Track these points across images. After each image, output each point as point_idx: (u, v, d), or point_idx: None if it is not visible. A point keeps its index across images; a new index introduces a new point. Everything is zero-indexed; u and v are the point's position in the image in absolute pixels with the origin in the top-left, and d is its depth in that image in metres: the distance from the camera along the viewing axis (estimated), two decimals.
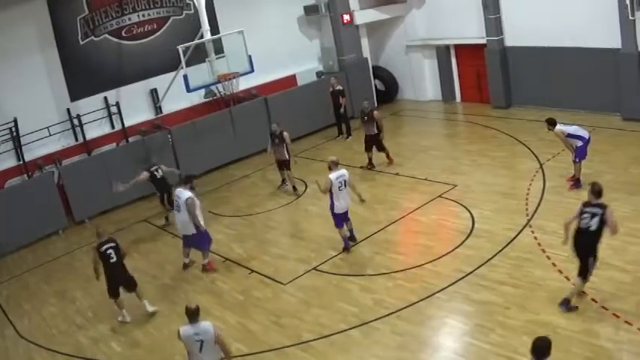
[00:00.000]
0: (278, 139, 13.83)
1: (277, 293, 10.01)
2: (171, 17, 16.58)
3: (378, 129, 14.45)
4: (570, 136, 11.54)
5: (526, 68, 16.96)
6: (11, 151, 14.33)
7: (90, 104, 15.36)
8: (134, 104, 15.96)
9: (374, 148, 14.73)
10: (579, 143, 11.47)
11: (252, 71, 15.72)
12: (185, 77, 14.53)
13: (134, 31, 16.00)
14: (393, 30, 20.25)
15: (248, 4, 17.84)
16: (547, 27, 15.85)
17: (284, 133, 13.80)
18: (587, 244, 7.84)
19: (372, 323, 8.67)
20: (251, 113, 17.13)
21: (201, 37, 15.18)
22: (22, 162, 14.36)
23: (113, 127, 15.88)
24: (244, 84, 16.93)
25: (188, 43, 14.98)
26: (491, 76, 17.75)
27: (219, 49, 15.73)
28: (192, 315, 6.67)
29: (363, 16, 19.16)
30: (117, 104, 15.51)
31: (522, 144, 14.68)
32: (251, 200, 14.29)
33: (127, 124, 15.74)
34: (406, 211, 12.20)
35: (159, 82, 16.21)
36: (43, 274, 12.27)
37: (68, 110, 15.10)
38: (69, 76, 15.05)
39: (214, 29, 16.02)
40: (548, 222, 10.57)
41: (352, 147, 16.82)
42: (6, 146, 14.22)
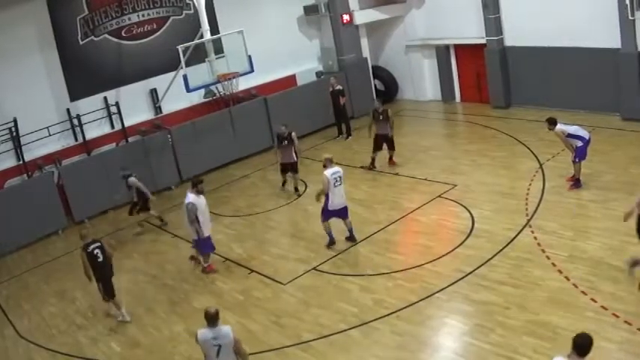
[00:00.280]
0: (287, 141, 13.53)
1: (277, 293, 10.02)
2: (171, 17, 16.59)
3: (390, 128, 14.29)
4: (570, 136, 11.54)
5: (526, 68, 16.95)
6: (11, 151, 14.33)
7: (90, 104, 15.37)
8: (134, 104, 15.96)
9: (381, 148, 14.50)
10: (579, 143, 11.47)
11: (252, 71, 15.71)
12: (185, 77, 14.53)
13: (134, 31, 16.00)
14: (392, 30, 20.25)
15: (248, 4, 17.84)
16: (547, 27, 15.85)
17: (292, 134, 13.56)
18: None
19: (372, 323, 8.68)
20: (251, 113, 17.13)
21: (201, 37, 15.17)
22: (21, 162, 14.36)
23: (113, 127, 15.88)
24: (244, 84, 16.90)
25: (188, 43, 14.98)
26: (491, 76, 17.75)
27: (219, 49, 15.72)
28: (212, 319, 6.50)
29: (362, 16, 19.15)
30: (117, 104, 15.51)
31: (522, 144, 14.68)
32: (251, 200, 14.29)
33: (127, 124, 15.72)
34: (406, 211, 12.20)
35: (158, 82, 16.21)
36: (42, 274, 12.27)
37: (68, 110, 15.11)
38: (69, 76, 15.06)
39: (214, 29, 16.01)
40: (548, 222, 10.59)
41: (352, 147, 16.84)
42: (6, 146, 14.22)
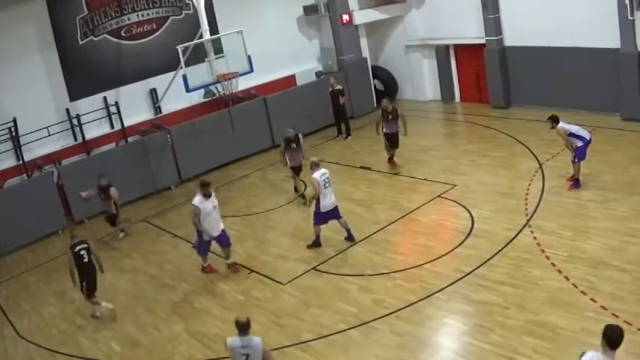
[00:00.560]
0: (296, 144, 13.16)
1: (277, 293, 10.01)
2: (171, 17, 16.58)
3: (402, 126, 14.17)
4: (572, 135, 11.49)
5: (525, 68, 16.96)
6: (10, 150, 14.32)
7: (89, 104, 15.36)
8: (133, 104, 15.95)
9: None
10: (579, 143, 11.45)
11: (252, 71, 15.70)
12: (184, 77, 14.52)
13: (133, 31, 16.00)
14: (392, 30, 20.25)
15: (247, 4, 17.83)
16: (546, 27, 15.86)
17: (300, 136, 13.28)
18: None
19: (372, 323, 8.67)
20: (250, 113, 17.13)
21: (201, 37, 15.16)
22: (21, 162, 14.35)
23: (112, 127, 15.87)
24: (243, 84, 16.88)
25: (187, 43, 14.97)
26: (491, 76, 17.75)
27: (219, 49, 15.70)
28: (242, 328, 6.44)
29: (362, 16, 19.15)
30: (116, 104, 15.50)
31: (522, 144, 14.68)
32: (250, 200, 14.29)
33: (127, 124, 15.71)
34: (406, 211, 12.19)
35: (158, 82, 16.21)
36: (42, 274, 12.25)
37: (67, 110, 15.10)
38: (68, 76, 15.05)
39: (213, 29, 16.00)
40: (548, 222, 10.59)
41: (352, 147, 16.84)
42: (5, 146, 14.21)
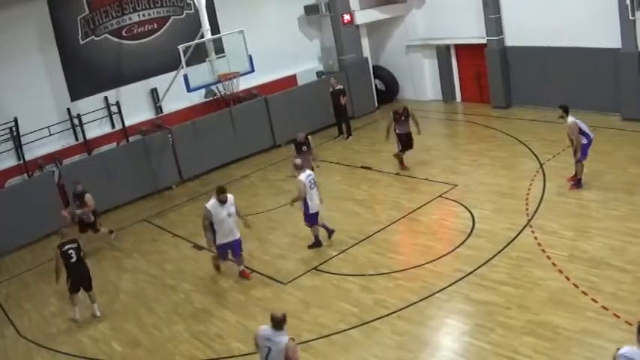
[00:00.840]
0: (306, 147, 13.16)
1: (277, 293, 10.01)
2: (172, 17, 16.59)
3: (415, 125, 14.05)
4: (580, 131, 11.38)
5: (526, 68, 16.95)
6: (11, 150, 14.33)
7: (90, 104, 15.37)
8: (134, 104, 15.95)
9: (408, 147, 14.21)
10: (584, 141, 11.41)
11: (253, 71, 15.70)
12: (185, 77, 14.52)
13: (134, 31, 16.01)
14: (393, 30, 20.24)
15: (248, 3, 17.83)
16: (547, 27, 15.85)
17: (310, 138, 13.22)
18: None
19: (372, 323, 8.67)
20: (251, 113, 17.13)
21: (202, 36, 15.16)
22: (22, 161, 14.36)
23: (113, 126, 15.88)
24: (244, 84, 16.90)
25: (188, 43, 14.96)
26: (492, 76, 17.74)
27: (220, 49, 15.71)
28: (276, 322, 6.44)
29: (363, 16, 19.16)
30: (117, 104, 15.51)
31: (522, 144, 14.68)
32: (251, 200, 14.28)
33: (128, 123, 15.72)
34: (406, 210, 12.19)
35: (159, 81, 16.21)
36: (43, 274, 12.24)
37: (68, 110, 15.10)
38: (69, 76, 15.06)
39: (215, 29, 16.02)
40: (549, 222, 10.58)
41: (352, 147, 16.84)
42: (6, 146, 14.23)
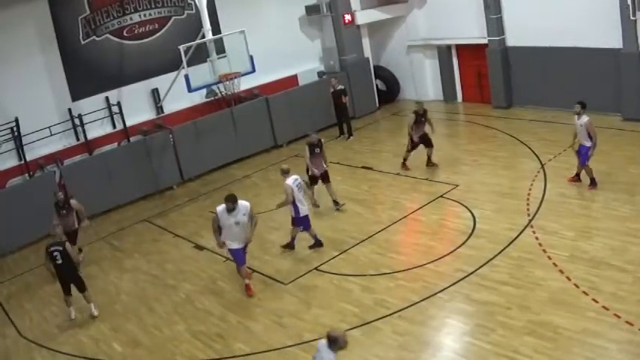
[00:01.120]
0: (319, 149, 12.74)
1: (278, 293, 10.02)
2: (173, 17, 16.60)
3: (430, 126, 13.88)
4: (588, 133, 11.34)
5: (527, 68, 16.93)
6: (13, 150, 14.36)
7: (91, 104, 15.39)
8: (135, 104, 15.98)
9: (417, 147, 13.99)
10: (587, 144, 11.38)
11: (254, 71, 15.71)
12: (186, 77, 14.53)
13: (135, 31, 16.02)
14: (394, 30, 20.24)
15: (249, 3, 17.84)
16: (548, 27, 15.84)
17: (322, 140, 12.90)
18: None
19: (374, 323, 8.68)
20: (252, 113, 17.14)
21: (203, 36, 15.18)
22: (23, 162, 14.38)
23: (114, 126, 15.90)
24: (245, 84, 16.89)
25: (189, 43, 14.98)
26: (493, 76, 17.74)
27: (221, 49, 15.73)
28: (331, 340, 6.11)
29: (364, 16, 19.16)
30: (118, 104, 15.53)
31: (523, 144, 14.68)
32: (252, 200, 14.13)
33: (129, 123, 15.74)
34: (407, 211, 12.20)
35: (160, 81, 16.23)
36: (44, 274, 12.22)
37: (69, 110, 15.12)
38: (70, 76, 15.08)
39: (216, 29, 16.03)
40: (550, 222, 10.58)
41: (353, 147, 16.83)
42: (7, 146, 14.25)
